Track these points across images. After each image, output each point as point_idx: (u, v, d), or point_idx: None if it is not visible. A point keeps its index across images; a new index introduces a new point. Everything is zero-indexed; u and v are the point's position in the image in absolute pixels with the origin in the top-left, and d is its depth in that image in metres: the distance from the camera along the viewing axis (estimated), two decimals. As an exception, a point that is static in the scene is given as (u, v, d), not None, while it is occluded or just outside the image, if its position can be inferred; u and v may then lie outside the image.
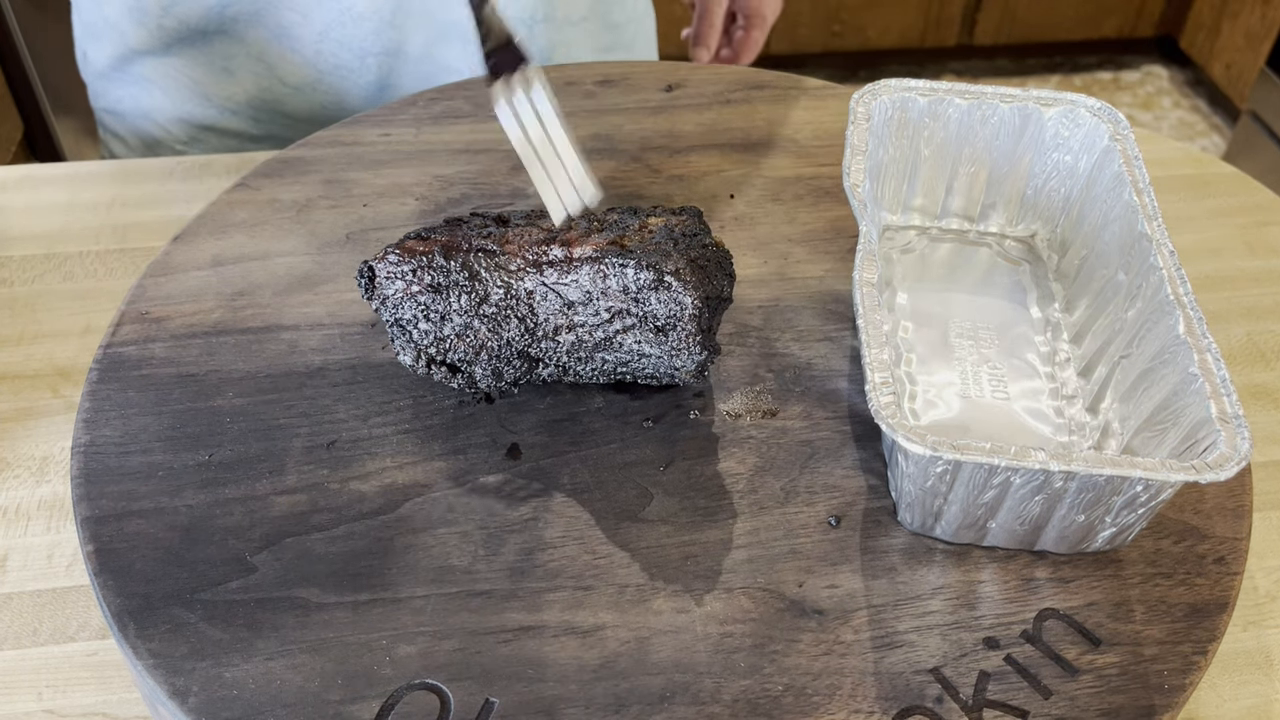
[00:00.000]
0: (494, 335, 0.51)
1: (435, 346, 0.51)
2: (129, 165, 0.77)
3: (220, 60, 0.80)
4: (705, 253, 0.51)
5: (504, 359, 0.51)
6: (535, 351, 0.51)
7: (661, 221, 0.52)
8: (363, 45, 0.80)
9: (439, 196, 0.66)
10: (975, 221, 0.64)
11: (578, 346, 0.51)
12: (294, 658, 0.44)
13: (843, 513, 0.50)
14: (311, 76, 0.81)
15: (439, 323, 0.51)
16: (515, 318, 0.51)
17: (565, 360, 0.52)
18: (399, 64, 0.82)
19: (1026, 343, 0.57)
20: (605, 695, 0.44)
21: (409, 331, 0.51)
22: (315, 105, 0.83)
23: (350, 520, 0.49)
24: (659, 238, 0.51)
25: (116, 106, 0.85)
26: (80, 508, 0.49)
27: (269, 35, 0.79)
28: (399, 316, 0.51)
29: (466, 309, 0.50)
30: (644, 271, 0.49)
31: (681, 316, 0.49)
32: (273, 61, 0.80)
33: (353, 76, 0.81)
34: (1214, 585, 0.48)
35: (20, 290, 0.67)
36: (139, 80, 0.83)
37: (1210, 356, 0.46)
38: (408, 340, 0.51)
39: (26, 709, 0.49)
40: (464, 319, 0.50)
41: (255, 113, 0.83)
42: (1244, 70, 2.28)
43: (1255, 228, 0.73)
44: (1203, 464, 0.43)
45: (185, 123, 0.84)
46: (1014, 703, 0.44)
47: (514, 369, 0.52)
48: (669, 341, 0.50)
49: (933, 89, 0.60)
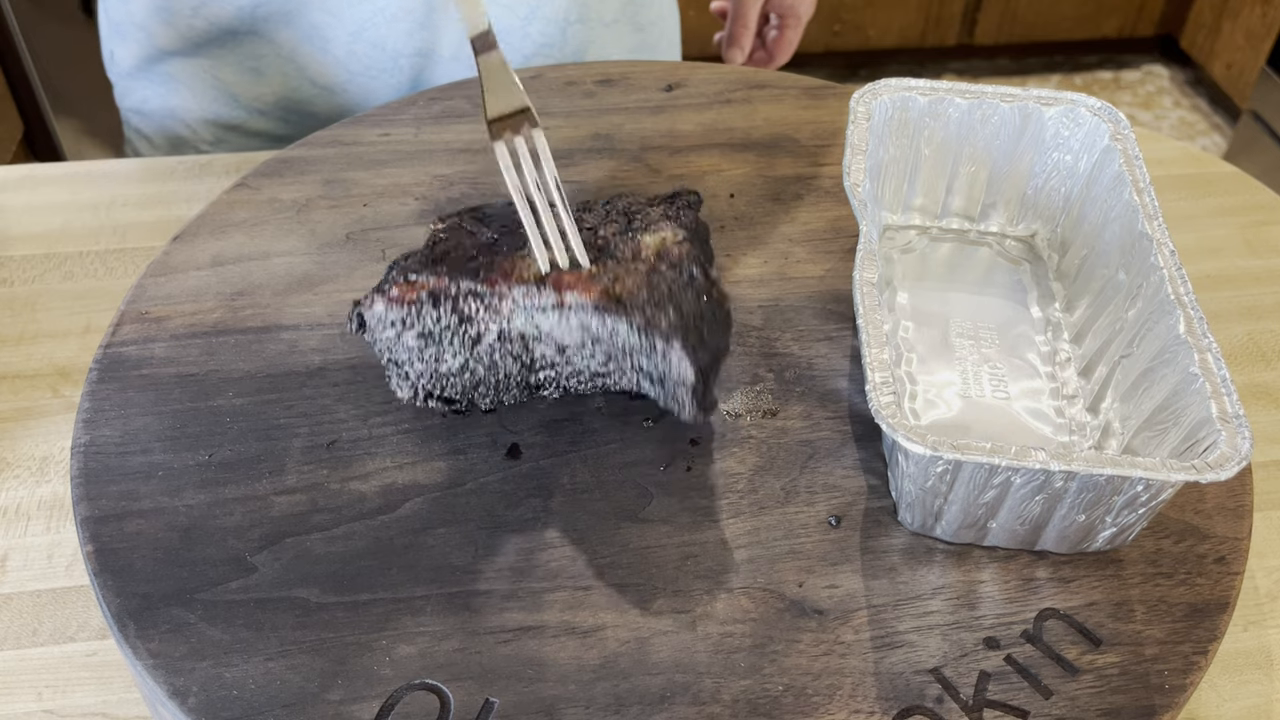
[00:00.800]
0: (491, 372, 0.51)
1: (433, 383, 0.51)
2: (129, 165, 0.77)
3: (249, 60, 0.80)
4: (702, 305, 0.48)
5: (503, 389, 0.51)
6: (534, 380, 0.52)
7: (655, 246, 0.50)
8: (396, 46, 0.79)
9: (439, 196, 0.66)
10: (976, 221, 0.63)
11: (575, 375, 0.51)
12: (294, 658, 0.44)
13: (843, 513, 0.50)
14: (342, 77, 0.80)
15: (434, 363, 0.50)
16: (510, 356, 0.50)
17: (566, 384, 0.52)
18: (431, 64, 0.81)
19: (1027, 342, 0.57)
20: (605, 695, 0.43)
21: (405, 370, 0.51)
22: (344, 106, 0.82)
23: (350, 520, 0.49)
24: (656, 280, 0.48)
25: (143, 106, 0.85)
26: (80, 508, 0.49)
27: (300, 36, 0.78)
28: (393, 357, 0.51)
29: (461, 349, 0.50)
30: (640, 337, 0.47)
31: (682, 384, 0.47)
32: (303, 62, 0.80)
33: (384, 77, 0.81)
34: (1214, 585, 0.48)
35: (20, 290, 0.67)
36: (166, 80, 0.82)
37: (1211, 356, 0.46)
38: (403, 377, 0.51)
39: (26, 709, 0.49)
40: (459, 360, 0.50)
41: (283, 113, 0.83)
42: (1244, 69, 2.28)
43: (1256, 227, 0.73)
44: (1203, 464, 0.43)
45: (212, 123, 0.84)
46: (1014, 703, 0.44)
47: (514, 396, 0.52)
48: (665, 391, 0.49)
49: (933, 88, 0.60)
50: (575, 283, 0.48)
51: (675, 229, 0.51)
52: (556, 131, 0.71)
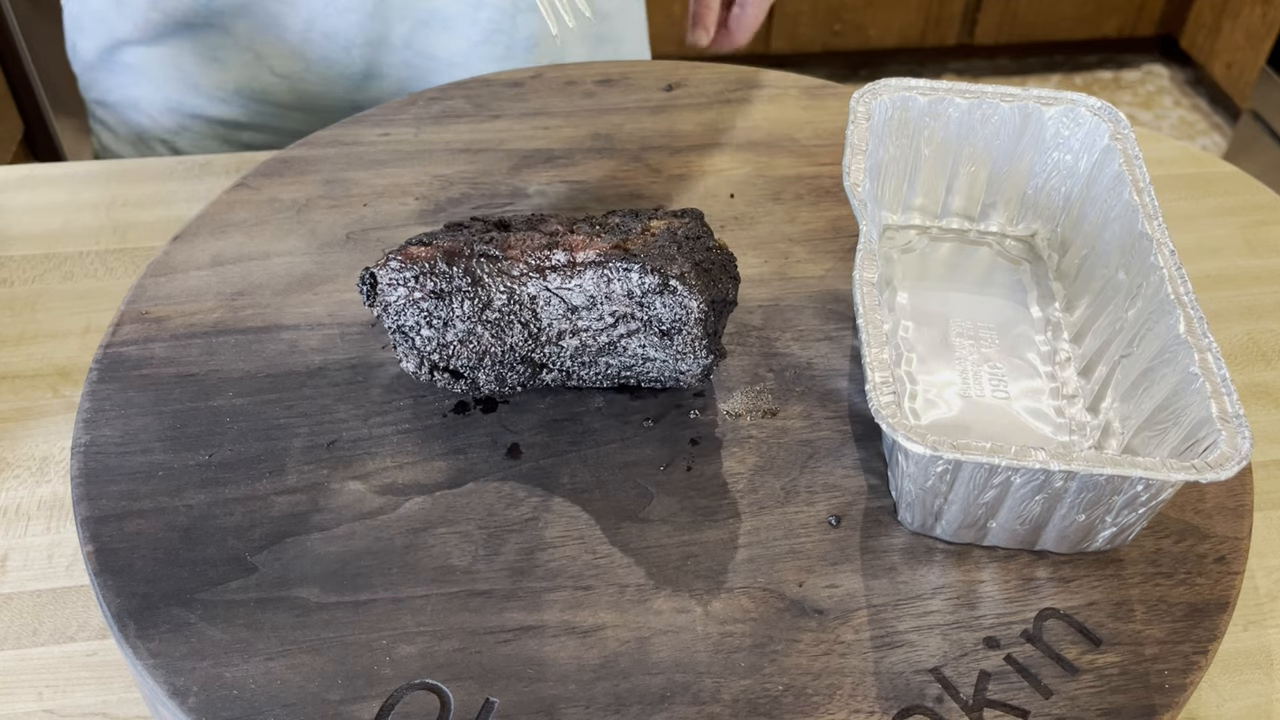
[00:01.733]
0: (497, 341, 0.51)
1: (439, 353, 0.51)
2: (129, 165, 0.77)
3: (209, 50, 0.81)
4: (709, 255, 0.51)
5: (507, 364, 0.51)
6: (539, 357, 0.51)
7: (664, 224, 0.52)
8: (348, 36, 0.80)
9: (439, 196, 0.66)
10: (975, 221, 0.63)
11: (581, 351, 0.51)
12: (294, 658, 0.44)
13: (843, 512, 0.50)
14: (300, 66, 0.81)
15: (442, 329, 0.50)
16: (519, 323, 0.50)
17: (569, 365, 0.52)
18: (383, 54, 0.82)
19: (1027, 342, 0.57)
20: (605, 695, 0.44)
21: (411, 338, 0.51)
22: (304, 93, 0.83)
23: (350, 520, 0.49)
24: (662, 241, 0.51)
25: (105, 97, 0.86)
26: (80, 508, 0.49)
27: (257, 25, 0.79)
28: (401, 323, 0.51)
29: (470, 315, 0.50)
30: (649, 275, 0.49)
31: (687, 320, 0.49)
32: (261, 51, 0.81)
33: (338, 67, 0.82)
34: (1215, 585, 0.48)
35: (20, 290, 0.67)
36: (127, 70, 0.83)
37: (1211, 356, 0.46)
38: (410, 347, 0.51)
39: (26, 709, 0.49)
40: (467, 325, 0.50)
41: (244, 101, 0.84)
42: (1245, 69, 2.28)
43: (1256, 227, 0.73)
44: (1203, 463, 0.43)
45: (174, 111, 0.84)
46: (1014, 702, 0.44)
47: (517, 374, 0.52)
48: (674, 345, 0.50)
49: (933, 88, 0.60)
50: (586, 243, 0.50)
51: (678, 218, 0.53)
52: (557, 131, 0.71)
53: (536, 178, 0.67)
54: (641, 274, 0.49)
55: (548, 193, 0.66)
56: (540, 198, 0.65)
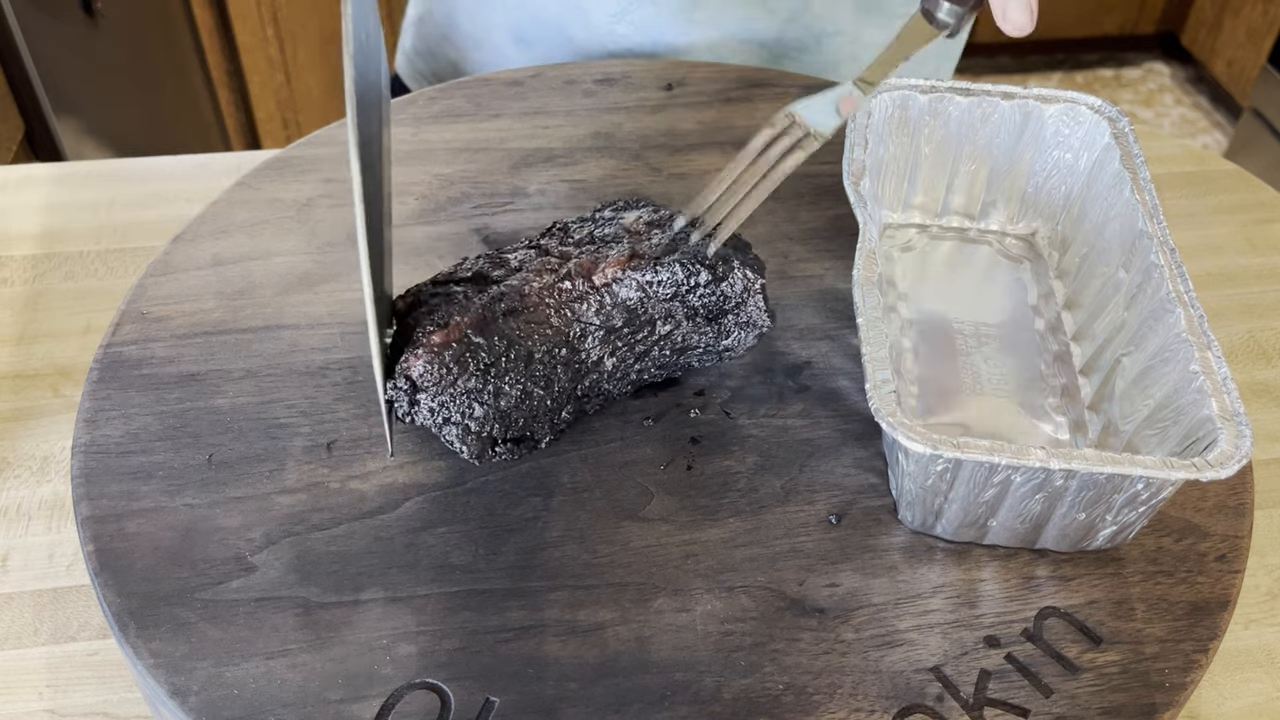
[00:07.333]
0: (548, 392, 0.50)
1: (498, 425, 0.49)
2: (129, 165, 0.77)
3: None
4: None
5: (557, 408, 0.50)
6: (581, 390, 0.51)
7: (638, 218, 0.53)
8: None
9: (439, 196, 0.66)
10: (976, 219, 0.63)
11: (617, 369, 0.51)
12: (294, 657, 0.44)
13: (843, 511, 0.50)
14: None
15: (494, 401, 0.48)
16: (559, 364, 0.49)
17: (606, 387, 0.52)
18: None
19: (1027, 340, 0.57)
20: (605, 694, 0.43)
21: (465, 424, 0.48)
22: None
23: (350, 520, 0.49)
24: (661, 238, 0.51)
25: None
26: (81, 507, 0.49)
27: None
28: (449, 417, 0.48)
29: (519, 378, 0.48)
30: (696, 267, 0.50)
31: (751, 289, 0.52)
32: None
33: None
34: (1215, 583, 0.48)
35: (20, 290, 0.67)
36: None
37: (1211, 354, 0.46)
38: (464, 433, 0.48)
39: (27, 709, 0.49)
40: (521, 387, 0.49)
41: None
42: (1246, 67, 2.28)
43: (1256, 225, 0.73)
44: (1204, 462, 0.43)
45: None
46: (1015, 701, 0.44)
47: (569, 413, 0.51)
48: (724, 324, 0.52)
49: (933, 86, 0.59)
50: (593, 266, 0.50)
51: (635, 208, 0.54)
52: (557, 131, 0.71)
53: (536, 177, 0.67)
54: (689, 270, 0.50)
55: (548, 192, 0.66)
56: (540, 197, 0.65)
